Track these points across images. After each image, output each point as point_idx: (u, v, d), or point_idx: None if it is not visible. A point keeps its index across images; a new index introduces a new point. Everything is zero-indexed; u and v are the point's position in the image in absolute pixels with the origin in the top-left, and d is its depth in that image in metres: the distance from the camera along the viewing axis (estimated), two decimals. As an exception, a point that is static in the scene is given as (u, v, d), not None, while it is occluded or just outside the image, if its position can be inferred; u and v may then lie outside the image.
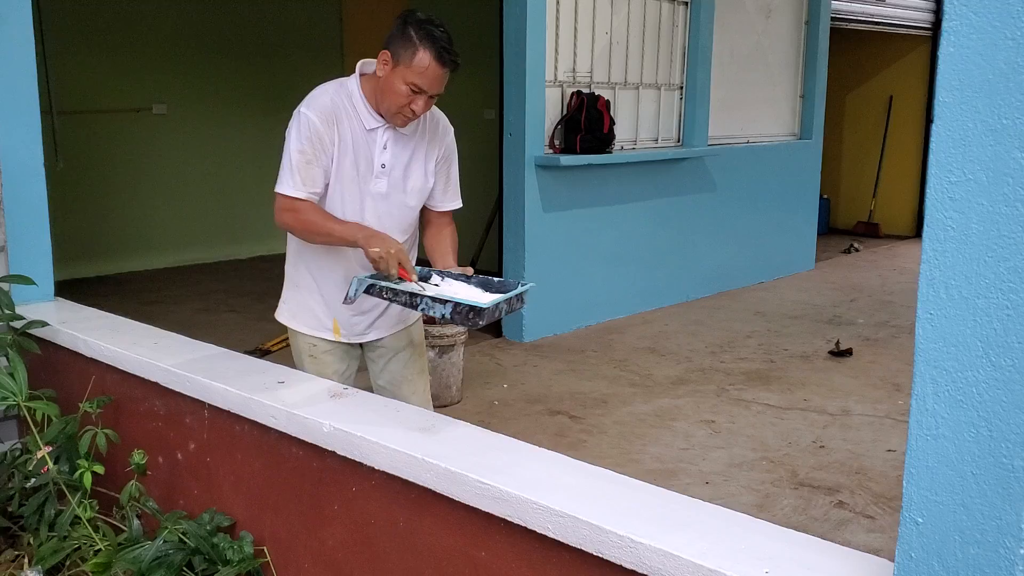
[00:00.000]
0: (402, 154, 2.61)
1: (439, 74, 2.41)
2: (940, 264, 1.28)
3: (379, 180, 2.59)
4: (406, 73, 2.40)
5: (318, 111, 2.49)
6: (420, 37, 2.39)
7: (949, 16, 1.24)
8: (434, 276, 2.56)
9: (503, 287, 2.51)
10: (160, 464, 2.87)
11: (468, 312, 2.24)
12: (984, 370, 1.26)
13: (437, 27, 2.41)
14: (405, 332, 2.88)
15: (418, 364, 2.93)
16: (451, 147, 2.76)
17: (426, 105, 2.47)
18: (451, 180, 2.79)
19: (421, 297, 2.30)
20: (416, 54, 2.39)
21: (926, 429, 1.33)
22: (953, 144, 1.25)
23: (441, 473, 1.98)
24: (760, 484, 3.67)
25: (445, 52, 2.39)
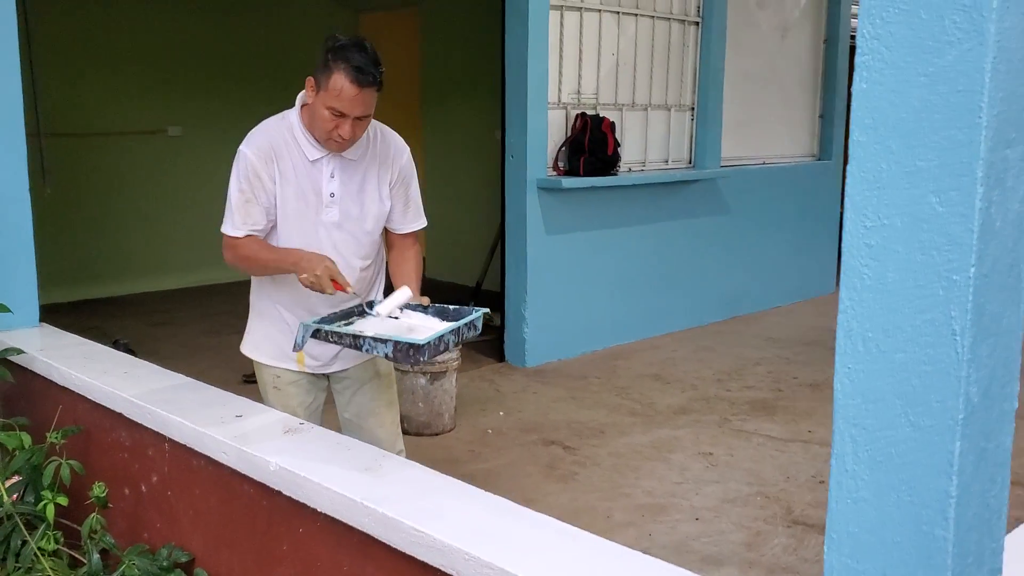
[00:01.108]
0: (351, 181, 2.58)
1: (355, 94, 2.36)
2: (857, 314, 1.20)
3: (329, 209, 2.57)
4: (325, 97, 2.38)
5: (255, 148, 2.49)
6: (334, 59, 2.36)
7: (862, 51, 1.16)
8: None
9: (458, 315, 2.46)
10: (126, 496, 2.83)
11: (408, 349, 2.18)
12: (903, 429, 1.17)
13: (355, 48, 2.36)
14: (371, 362, 2.82)
15: (385, 396, 2.86)
16: (407, 168, 2.71)
17: (353, 128, 2.43)
18: (411, 201, 2.75)
19: (363, 338, 2.25)
20: (331, 77, 2.36)
21: (847, 491, 1.23)
22: (867, 187, 1.17)
23: (379, 518, 1.91)
24: (752, 521, 3.55)
25: (359, 72, 2.34)
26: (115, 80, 7.58)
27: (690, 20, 6.54)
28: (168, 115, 8.01)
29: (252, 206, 2.51)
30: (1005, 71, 1.06)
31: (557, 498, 3.75)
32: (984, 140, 1.06)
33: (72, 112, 7.38)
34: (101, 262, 7.75)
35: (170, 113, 8.01)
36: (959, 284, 1.09)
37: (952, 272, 1.10)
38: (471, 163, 7.89)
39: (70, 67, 7.26)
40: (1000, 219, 1.11)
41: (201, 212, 8.23)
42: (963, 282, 1.09)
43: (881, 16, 1.13)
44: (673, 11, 6.42)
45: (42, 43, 6.73)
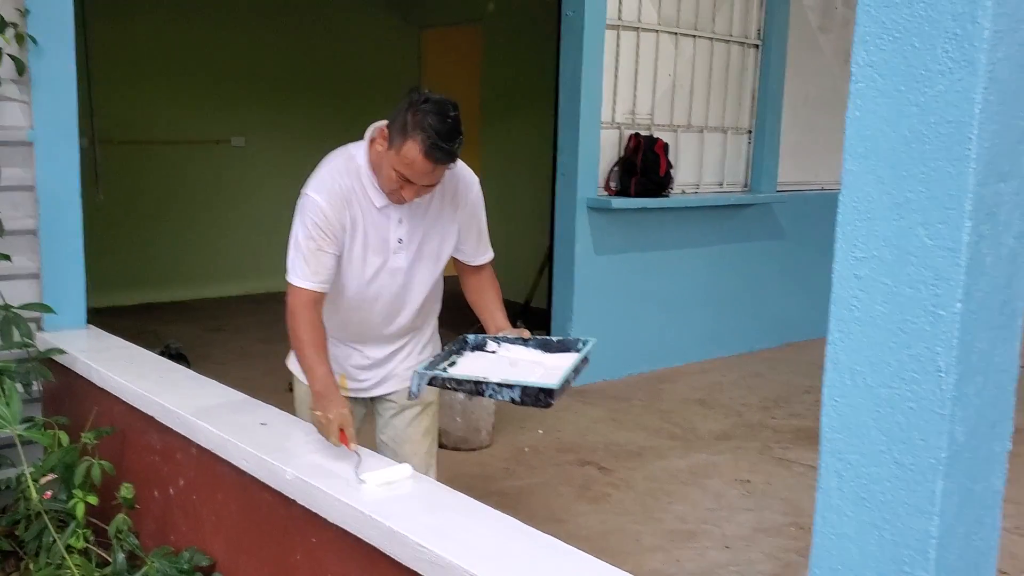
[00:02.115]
0: (419, 224, 2.49)
1: (427, 168, 2.24)
2: (845, 347, 1.17)
3: (397, 256, 2.48)
4: (395, 160, 2.26)
5: (328, 196, 2.36)
6: (413, 125, 2.21)
7: (856, 78, 1.13)
8: (489, 343, 2.45)
9: (563, 346, 2.38)
10: (155, 498, 2.88)
11: (539, 393, 2.09)
12: (887, 467, 1.14)
13: (440, 115, 2.21)
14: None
15: (423, 424, 2.79)
16: (476, 202, 2.60)
17: (418, 193, 2.33)
18: (482, 234, 2.66)
19: (487, 384, 2.15)
20: (405, 143, 2.23)
21: (831, 527, 1.20)
22: (858, 216, 1.14)
23: (385, 531, 1.92)
24: (783, 552, 3.48)
25: (436, 148, 2.20)
26: (177, 90, 7.75)
27: (750, 43, 6.48)
28: (232, 126, 8.18)
29: (323, 256, 2.37)
30: (997, 102, 1.03)
31: (587, 519, 3.72)
32: (973, 173, 1.03)
33: (138, 120, 7.58)
34: (164, 268, 7.94)
35: (234, 124, 8.18)
36: (945, 320, 1.06)
37: (938, 307, 1.07)
38: (527, 180, 7.90)
39: (129, 76, 7.44)
40: (991, 254, 1.07)
41: (261, 221, 8.40)
42: (949, 318, 1.06)
43: (875, 43, 1.11)
44: (733, 33, 6.36)
45: (101, 52, 6.91)
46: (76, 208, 3.53)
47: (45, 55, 3.35)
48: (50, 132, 3.41)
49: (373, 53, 8.77)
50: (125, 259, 7.48)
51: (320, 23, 8.43)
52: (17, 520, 3.01)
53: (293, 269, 2.40)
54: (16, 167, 3.36)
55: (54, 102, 3.41)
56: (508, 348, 2.40)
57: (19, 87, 3.34)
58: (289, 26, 8.26)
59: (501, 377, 2.18)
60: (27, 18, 3.28)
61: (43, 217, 3.44)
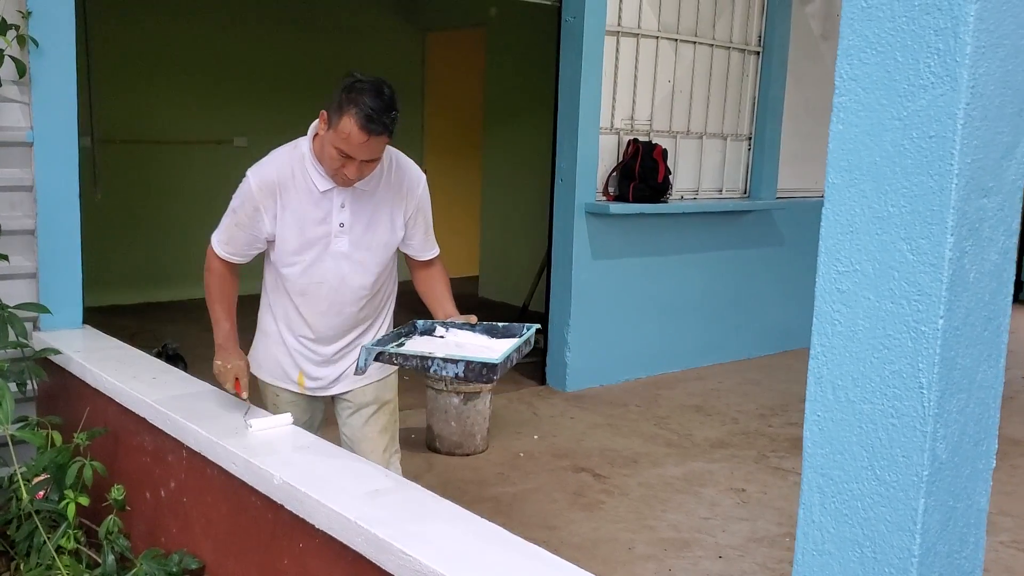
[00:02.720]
0: (363, 211, 2.59)
1: (363, 141, 2.35)
2: (828, 361, 1.17)
3: (339, 239, 2.58)
4: (334, 138, 2.38)
5: (260, 180, 2.54)
6: (348, 102, 2.34)
7: (839, 91, 1.13)
8: (437, 328, 2.53)
9: (508, 332, 2.47)
10: (147, 499, 2.88)
11: (481, 369, 2.18)
12: (868, 483, 1.13)
13: (372, 92, 2.34)
14: (371, 388, 2.83)
15: (380, 423, 2.86)
16: (423, 199, 2.70)
17: (360, 170, 2.43)
18: (429, 230, 2.78)
19: (432, 359, 2.23)
20: (342, 119, 2.35)
21: (812, 543, 1.20)
22: (841, 230, 1.14)
23: (371, 539, 1.91)
24: (778, 563, 3.47)
25: (369, 120, 2.32)
26: (180, 91, 7.76)
27: (750, 50, 6.48)
28: (235, 126, 8.18)
29: (238, 232, 2.59)
30: (980, 118, 1.03)
31: (579, 527, 3.71)
32: (956, 188, 1.02)
33: (141, 120, 7.58)
34: (161, 267, 7.93)
35: (237, 124, 8.18)
36: (927, 336, 1.06)
37: (920, 323, 1.06)
38: (528, 184, 7.89)
39: (131, 76, 7.44)
40: (975, 270, 1.07)
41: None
42: (931, 334, 1.05)
43: (859, 57, 1.10)
44: (733, 40, 6.36)
45: (101, 51, 6.91)
46: (74, 209, 3.52)
47: (46, 57, 3.35)
48: (49, 133, 3.41)
49: (377, 55, 8.76)
50: (124, 258, 7.48)
51: (324, 25, 8.43)
52: (9, 520, 3.01)
53: (216, 233, 2.68)
54: (15, 167, 3.36)
55: (54, 103, 3.41)
56: (456, 333, 2.48)
57: (19, 88, 3.34)
58: (292, 27, 8.26)
59: (446, 352, 2.27)
60: (28, 20, 3.28)
61: (41, 217, 3.43)
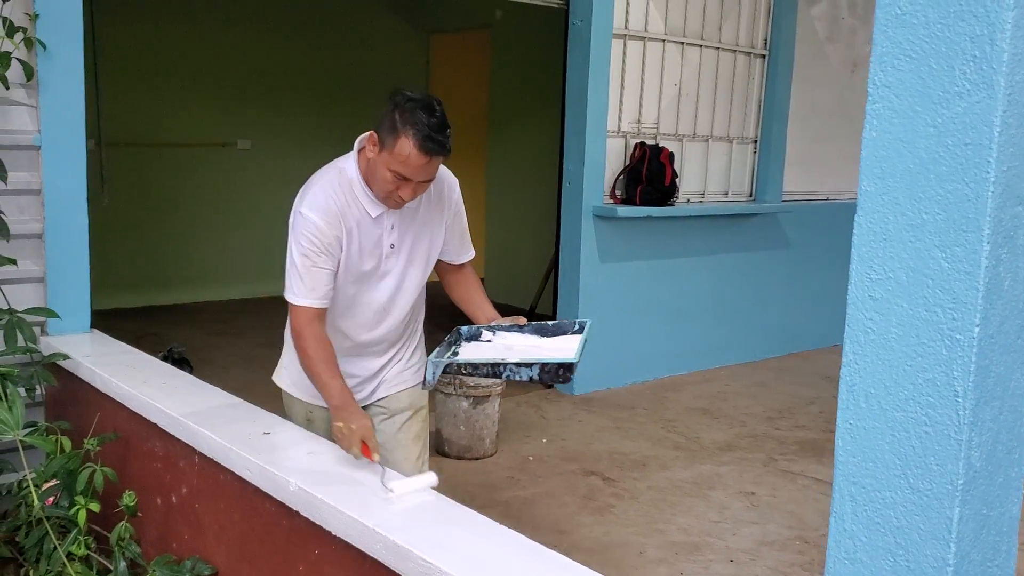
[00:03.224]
0: (409, 228, 2.52)
1: (422, 162, 2.26)
2: (860, 369, 1.16)
3: (389, 261, 2.51)
4: (389, 160, 2.28)
5: (322, 213, 2.37)
6: (403, 122, 2.25)
7: (872, 98, 1.12)
8: (484, 332, 2.46)
9: (559, 329, 2.41)
10: (158, 505, 2.87)
11: (557, 369, 2.12)
12: (901, 491, 1.12)
13: (426, 111, 2.25)
14: (405, 394, 2.76)
15: (414, 430, 2.78)
16: (458, 203, 2.64)
17: (415, 192, 2.35)
18: (464, 233, 2.71)
19: (504, 365, 2.16)
20: (398, 140, 2.25)
21: (844, 552, 1.19)
22: (874, 238, 1.13)
23: (389, 545, 1.90)
24: (788, 567, 3.46)
25: (428, 140, 2.23)
26: (183, 93, 7.75)
27: (756, 53, 6.47)
28: (238, 129, 8.18)
29: (319, 272, 2.38)
30: (1017, 125, 1.02)
31: (590, 530, 3.70)
32: (992, 196, 1.02)
33: (144, 123, 7.58)
34: (167, 270, 7.93)
35: (240, 127, 8.17)
36: (962, 344, 1.05)
37: (955, 331, 1.05)
38: (533, 187, 7.89)
39: (136, 79, 7.43)
40: (1009, 278, 1.06)
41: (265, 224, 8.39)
42: (966, 342, 1.04)
43: (892, 64, 1.10)
44: (739, 43, 6.36)
45: (109, 54, 6.91)
46: (82, 212, 3.52)
47: (53, 59, 3.34)
48: (57, 136, 3.40)
49: (381, 58, 8.76)
50: (128, 261, 7.48)
51: (328, 27, 8.43)
52: (18, 526, 3.00)
53: (291, 288, 2.41)
54: (23, 171, 3.35)
55: (61, 106, 3.40)
56: (503, 335, 2.42)
57: (27, 91, 3.34)
58: (296, 30, 8.26)
59: (519, 356, 2.19)
60: (36, 23, 3.28)
61: (49, 221, 3.43)
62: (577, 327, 2.38)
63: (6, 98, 3.28)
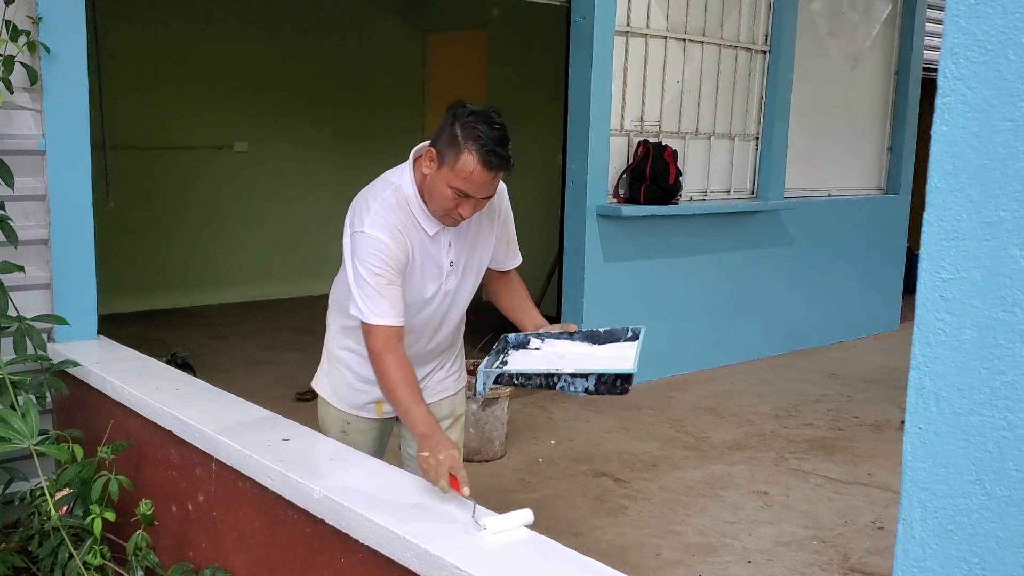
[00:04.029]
0: (465, 243, 2.46)
1: (487, 179, 2.19)
2: (930, 372, 1.12)
3: (450, 278, 2.45)
4: (450, 176, 2.20)
5: (388, 232, 2.29)
6: (465, 137, 2.17)
7: (943, 91, 1.09)
8: (532, 340, 2.38)
9: (611, 336, 2.33)
10: (173, 513, 2.83)
11: (615, 380, 2.05)
12: (977, 498, 1.09)
13: (487, 124, 2.17)
14: (447, 401, 2.72)
15: (454, 436, 2.73)
16: (507, 210, 2.58)
17: (475, 208, 2.27)
18: (512, 239, 2.64)
19: (559, 376, 2.09)
20: (460, 156, 2.17)
21: (913, 560, 1.16)
22: (945, 236, 1.10)
23: (420, 554, 1.86)
24: (807, 567, 3.43)
25: (492, 155, 2.15)
26: (184, 96, 7.71)
27: (757, 49, 6.45)
28: (235, 131, 8.12)
29: (393, 289, 2.30)
30: (1100, 118, 0.99)
31: (605, 532, 3.67)
32: (1075, 192, 0.98)
33: (139, 126, 7.52)
34: (165, 274, 7.87)
35: (237, 129, 8.12)
36: (1043, 345, 1.01)
37: (1035, 332, 1.02)
38: (533, 187, 7.82)
39: (137, 81, 7.39)
40: (1090, 276, 1.02)
41: (265, 227, 8.35)
42: (1047, 343, 1.01)
43: (965, 56, 1.06)
44: (740, 39, 6.33)
45: (111, 57, 6.86)
46: (88, 217, 3.47)
47: (57, 63, 3.29)
48: (62, 141, 3.35)
49: (377, 58, 8.72)
50: (127, 265, 7.41)
51: (324, 28, 8.38)
52: (30, 536, 2.95)
53: (368, 310, 2.29)
54: (27, 176, 3.30)
55: (66, 110, 3.35)
56: (552, 343, 2.33)
57: (31, 95, 3.29)
58: (292, 31, 8.21)
59: (574, 367, 2.12)
60: (39, 25, 3.23)
61: (54, 227, 3.38)
62: (631, 334, 2.30)
63: (10, 103, 3.22)
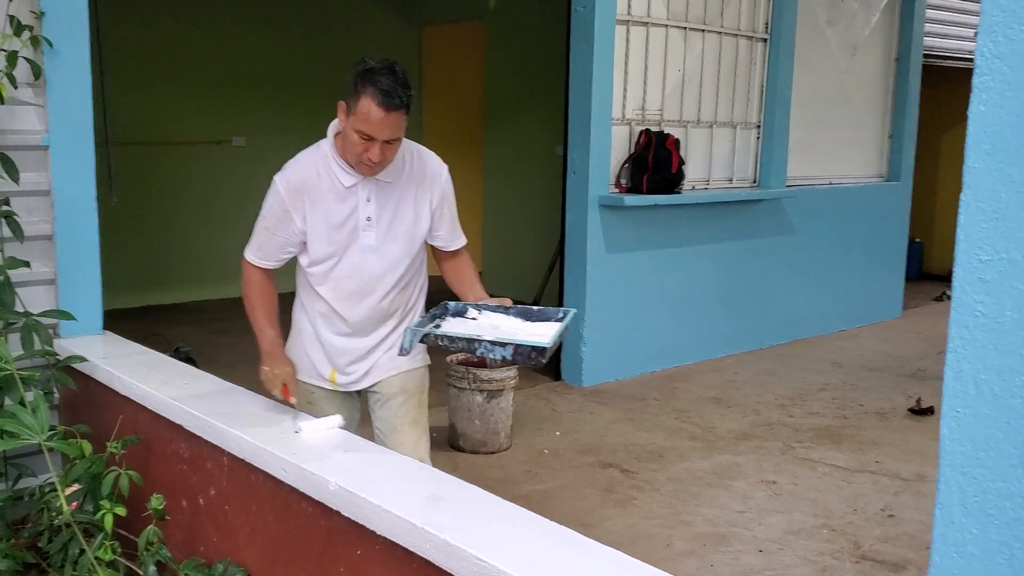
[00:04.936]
0: (388, 203, 2.61)
1: (382, 118, 2.38)
2: (969, 354, 1.11)
3: (367, 233, 2.60)
4: (355, 121, 2.42)
5: (286, 182, 2.60)
6: (362, 83, 2.39)
7: (980, 70, 1.07)
8: (470, 310, 2.49)
9: (543, 315, 2.41)
10: (184, 508, 2.81)
11: (530, 352, 2.14)
12: (1019, 482, 1.08)
13: (384, 72, 2.39)
14: (397, 379, 2.81)
15: (409, 414, 2.84)
16: (447, 189, 2.72)
17: (382, 151, 2.44)
18: (454, 220, 2.79)
19: (480, 341, 2.20)
20: (359, 100, 2.39)
21: (952, 545, 1.14)
22: (984, 217, 1.08)
23: (440, 545, 1.85)
24: (818, 555, 3.42)
25: (386, 95, 2.36)
26: (182, 91, 7.67)
27: (758, 37, 6.43)
28: (234, 126, 8.09)
29: (272, 236, 2.63)
30: None
31: (615, 523, 3.66)
32: (1119, 170, 0.97)
33: (139, 122, 7.49)
34: (166, 270, 7.85)
35: (235, 124, 8.09)
36: (1087, 326, 1.00)
37: (1079, 313, 1.01)
38: (532, 178, 7.84)
39: (138, 77, 7.36)
40: None
41: (262, 222, 8.27)
42: (1092, 324, 1.00)
43: (1005, 34, 1.05)
44: (741, 28, 6.31)
45: (112, 54, 6.82)
46: (92, 212, 3.45)
47: (60, 58, 3.27)
48: (65, 136, 3.33)
49: (373, 51, 8.50)
50: (127, 261, 7.38)
51: (321, 22, 8.34)
52: (40, 531, 2.94)
53: (249, 244, 2.72)
54: (31, 171, 3.28)
55: (69, 105, 3.33)
56: (489, 315, 2.44)
57: (34, 91, 3.26)
58: (288, 25, 8.17)
59: (495, 335, 2.22)
60: (42, 20, 3.20)
61: (59, 222, 3.36)
62: (561, 315, 2.39)
63: (14, 98, 3.20)
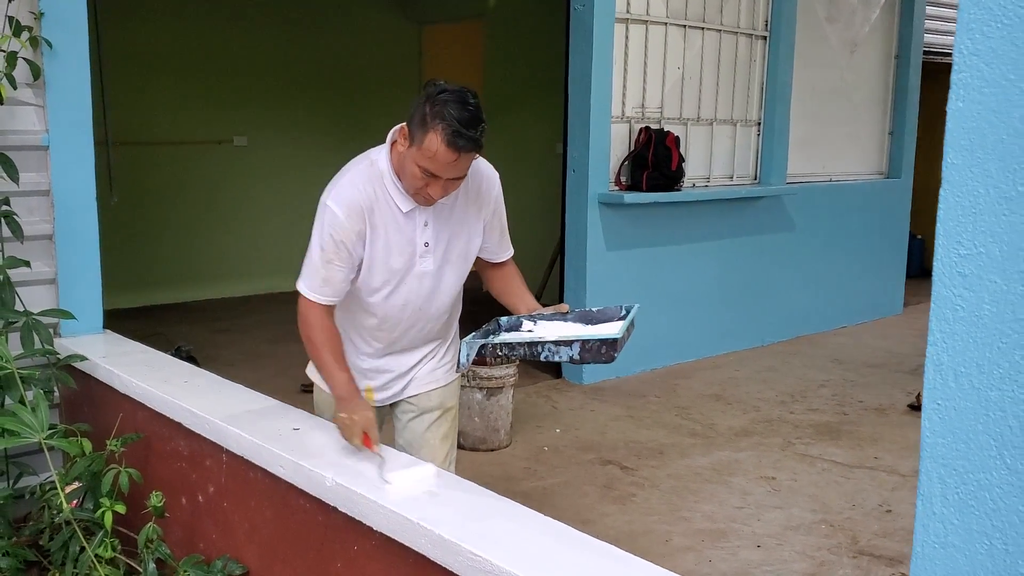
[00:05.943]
0: (445, 226, 2.41)
1: (451, 159, 2.14)
2: (948, 348, 1.12)
3: (424, 259, 2.41)
4: (417, 156, 2.17)
5: (345, 207, 2.29)
6: (432, 115, 2.13)
7: (958, 67, 1.08)
8: (525, 322, 2.35)
9: (604, 316, 2.30)
10: (183, 505, 2.83)
11: (600, 347, 2.03)
12: (998, 472, 1.09)
13: (459, 104, 2.13)
14: (437, 392, 2.68)
15: (442, 429, 2.71)
16: (499, 199, 2.54)
17: (445, 189, 2.24)
18: (504, 230, 2.60)
19: (543, 344, 2.07)
20: (427, 135, 2.14)
21: (933, 536, 1.16)
22: (962, 212, 1.10)
23: (435, 540, 1.87)
24: (816, 550, 3.44)
25: (458, 135, 2.11)
26: (182, 91, 7.69)
27: (757, 34, 6.44)
28: (234, 125, 8.11)
29: (333, 268, 2.32)
30: (1119, 91, 0.99)
31: (614, 520, 3.68)
32: (1094, 165, 0.98)
33: (139, 121, 7.51)
34: (167, 269, 7.87)
35: (236, 123, 8.11)
36: (1063, 319, 1.02)
37: (1055, 306, 1.02)
38: (532, 177, 7.84)
39: (138, 77, 7.38)
40: (1110, 250, 1.03)
41: (264, 221, 8.34)
42: (1068, 317, 1.01)
43: (981, 31, 1.06)
44: (740, 25, 6.32)
45: (111, 54, 6.84)
46: (92, 212, 3.47)
47: (59, 58, 3.29)
48: (65, 136, 3.36)
49: (373, 50, 8.70)
50: (128, 260, 7.41)
51: (318, 21, 8.37)
52: (40, 530, 2.96)
53: (304, 278, 2.38)
54: (31, 171, 3.30)
55: (69, 105, 3.35)
56: (545, 325, 2.30)
57: (34, 91, 3.29)
58: (289, 24, 8.19)
59: (557, 335, 2.10)
60: (41, 21, 3.22)
61: (59, 221, 3.38)
62: (624, 311, 2.28)
63: (13, 98, 3.22)
